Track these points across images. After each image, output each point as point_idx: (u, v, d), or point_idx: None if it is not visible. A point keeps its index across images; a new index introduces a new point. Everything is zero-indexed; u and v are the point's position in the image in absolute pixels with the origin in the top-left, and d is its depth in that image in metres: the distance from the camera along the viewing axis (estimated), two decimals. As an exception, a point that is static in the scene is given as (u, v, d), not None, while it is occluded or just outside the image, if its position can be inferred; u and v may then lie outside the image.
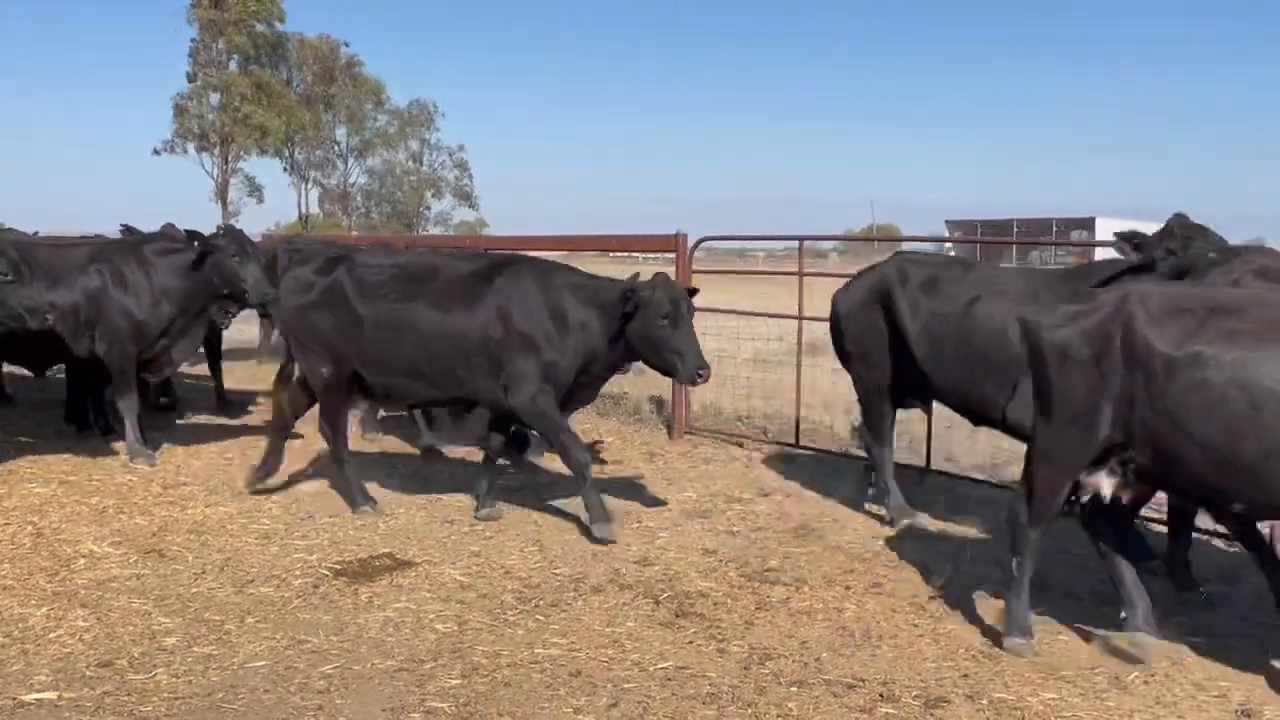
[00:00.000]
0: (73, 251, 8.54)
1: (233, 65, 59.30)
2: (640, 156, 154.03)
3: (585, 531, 6.74)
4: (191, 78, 59.63)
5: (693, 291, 7.00)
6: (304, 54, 65.82)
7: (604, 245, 10.02)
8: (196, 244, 8.25)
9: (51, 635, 5.01)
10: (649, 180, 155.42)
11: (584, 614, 5.42)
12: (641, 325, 6.51)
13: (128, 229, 10.64)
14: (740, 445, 9.46)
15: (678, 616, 5.40)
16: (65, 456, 8.38)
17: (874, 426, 7.20)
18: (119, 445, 8.59)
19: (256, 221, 64.14)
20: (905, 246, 8.50)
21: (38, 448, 8.72)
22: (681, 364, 6.50)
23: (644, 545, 6.59)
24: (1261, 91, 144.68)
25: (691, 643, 5.08)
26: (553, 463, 7.94)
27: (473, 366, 6.73)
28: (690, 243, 9.63)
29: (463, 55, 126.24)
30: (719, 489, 7.97)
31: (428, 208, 72.36)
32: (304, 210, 68.67)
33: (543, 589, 5.78)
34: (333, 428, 7.20)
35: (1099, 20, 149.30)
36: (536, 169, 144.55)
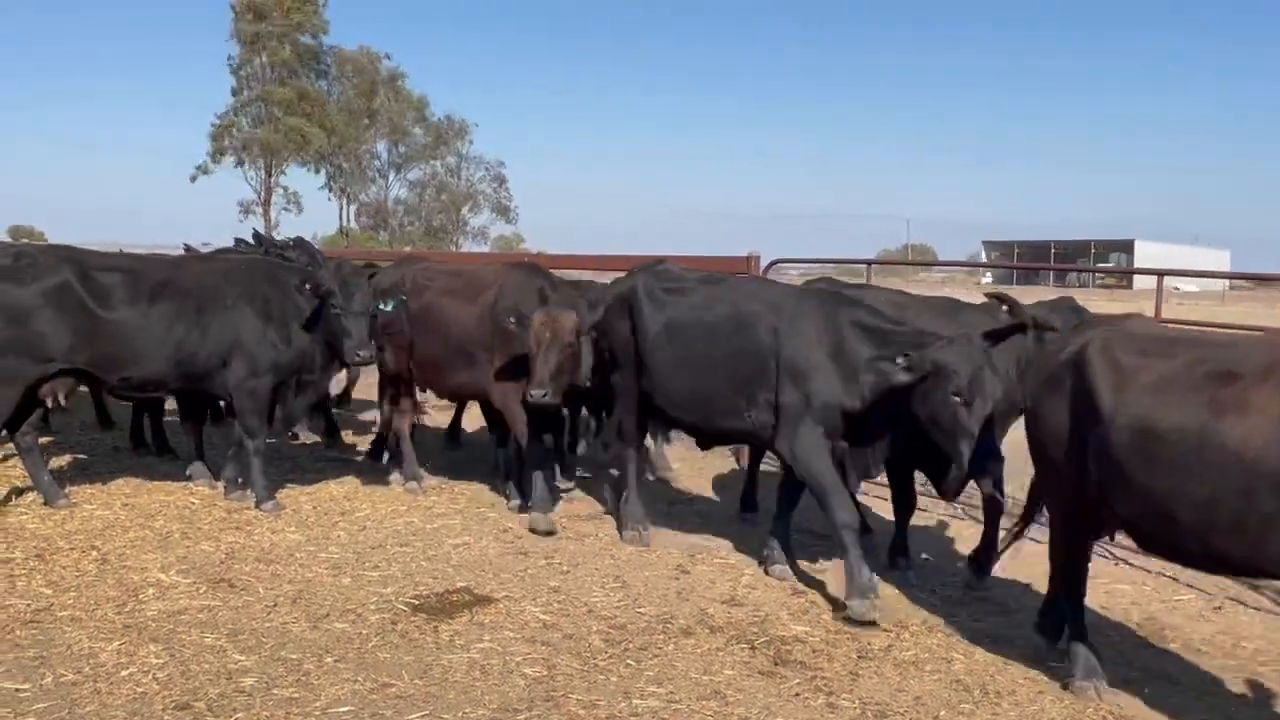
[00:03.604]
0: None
1: (272, 76, 59.42)
2: (669, 172, 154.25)
3: (678, 569, 6.54)
4: (236, 92, 59.88)
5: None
6: (343, 67, 66.02)
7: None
8: (265, 250, 8.05)
9: (124, 673, 4.78)
10: (677, 194, 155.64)
11: (677, 659, 5.14)
12: None
13: (189, 249, 10.52)
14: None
15: (777, 664, 5.11)
16: (125, 477, 8.18)
17: None
18: (178, 465, 8.42)
19: (295, 233, 64.22)
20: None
21: (95, 467, 8.57)
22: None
23: (729, 583, 6.30)
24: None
25: (798, 695, 4.78)
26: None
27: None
28: (763, 265, 9.34)
29: (500, 67, 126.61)
30: (798, 523, 7.65)
31: (465, 222, 72.29)
32: (344, 223, 68.79)
33: (629, 630, 5.49)
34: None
35: (1144, 40, 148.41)
36: (566, 179, 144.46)
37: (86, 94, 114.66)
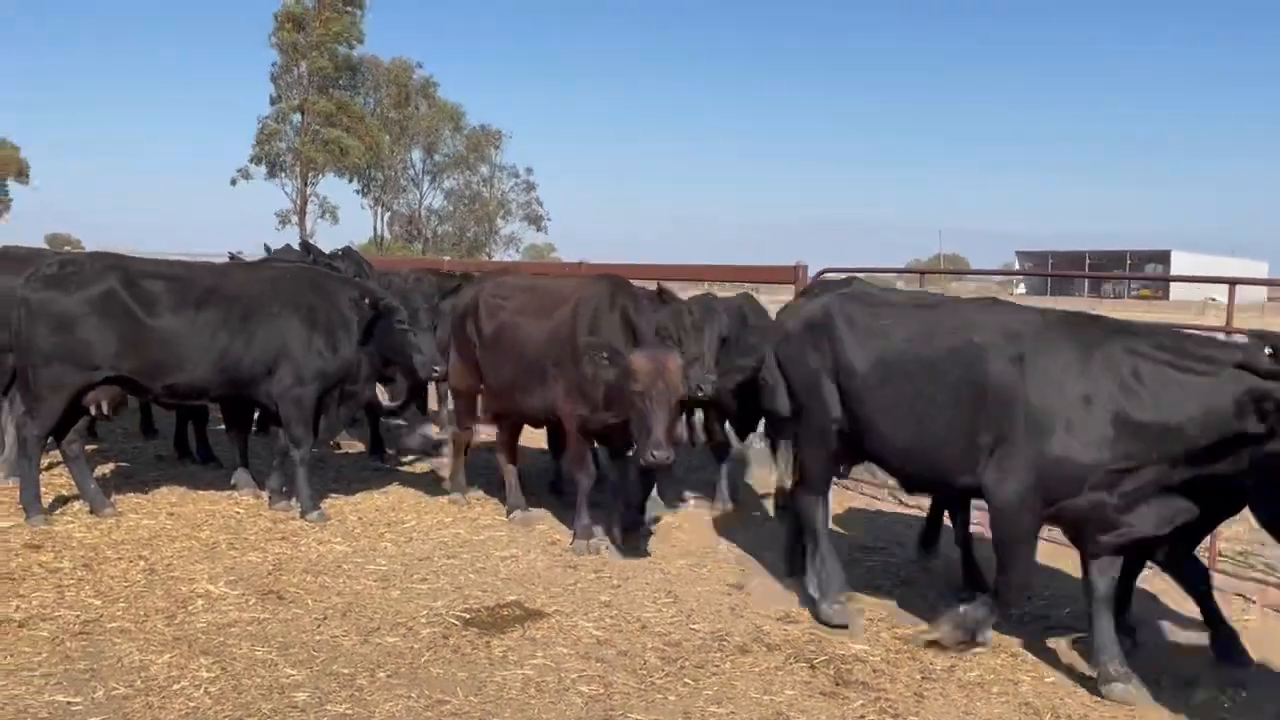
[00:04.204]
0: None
1: (310, 84, 59.48)
2: (691, 180, 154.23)
3: (730, 585, 6.45)
4: (275, 100, 60.08)
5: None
6: (378, 77, 66.26)
7: (722, 275, 9.61)
8: (313, 260, 8.02)
9: (176, 687, 4.71)
10: (700, 203, 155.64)
11: (736, 679, 5.01)
12: None
13: (233, 258, 10.52)
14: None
15: (838, 685, 4.97)
16: (170, 486, 8.16)
17: None
18: (222, 474, 8.40)
19: (330, 243, 64.37)
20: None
21: (139, 475, 8.54)
22: None
23: (783, 600, 6.16)
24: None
25: (862, 717, 4.65)
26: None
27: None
28: (810, 275, 9.20)
29: (527, 70, 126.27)
30: (851, 535, 7.53)
31: (497, 231, 72.34)
32: (379, 233, 68.95)
33: (685, 647, 5.38)
34: None
35: (1177, 49, 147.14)
36: (596, 187, 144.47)
37: (109, 101, 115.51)
